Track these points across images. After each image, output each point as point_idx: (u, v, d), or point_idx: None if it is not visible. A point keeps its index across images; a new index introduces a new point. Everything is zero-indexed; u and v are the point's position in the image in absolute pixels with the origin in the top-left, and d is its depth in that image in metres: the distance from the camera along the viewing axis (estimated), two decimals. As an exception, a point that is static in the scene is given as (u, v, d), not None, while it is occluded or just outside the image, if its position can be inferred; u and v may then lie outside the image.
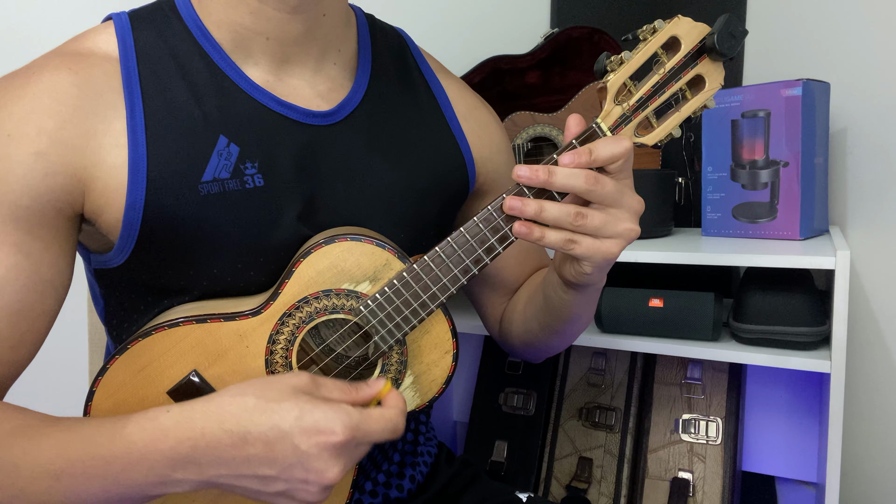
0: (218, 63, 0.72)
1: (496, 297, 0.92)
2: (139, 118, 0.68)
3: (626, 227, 0.66)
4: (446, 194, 0.82)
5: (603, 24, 1.44)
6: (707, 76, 0.67)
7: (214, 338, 0.68)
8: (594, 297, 0.78)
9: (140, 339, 0.67)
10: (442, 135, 0.83)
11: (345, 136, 0.76)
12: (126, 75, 0.69)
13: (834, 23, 1.28)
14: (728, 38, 0.64)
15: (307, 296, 0.68)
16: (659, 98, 0.67)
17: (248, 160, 0.71)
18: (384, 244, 0.68)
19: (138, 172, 0.67)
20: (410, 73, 0.84)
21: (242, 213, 0.70)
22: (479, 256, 0.67)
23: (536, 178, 0.64)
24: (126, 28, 0.72)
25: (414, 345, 0.71)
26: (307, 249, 0.68)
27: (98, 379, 0.67)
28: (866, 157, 1.25)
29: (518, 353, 0.93)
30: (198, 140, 0.69)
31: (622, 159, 0.64)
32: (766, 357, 1.00)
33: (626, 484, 1.18)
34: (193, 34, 0.72)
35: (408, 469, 0.87)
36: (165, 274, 0.71)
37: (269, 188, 0.71)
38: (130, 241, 0.69)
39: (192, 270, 0.70)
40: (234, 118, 0.71)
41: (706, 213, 1.23)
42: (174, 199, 0.68)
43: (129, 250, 0.70)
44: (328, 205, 0.74)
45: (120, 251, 0.70)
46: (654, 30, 0.65)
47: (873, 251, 1.25)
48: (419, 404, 0.72)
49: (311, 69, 0.75)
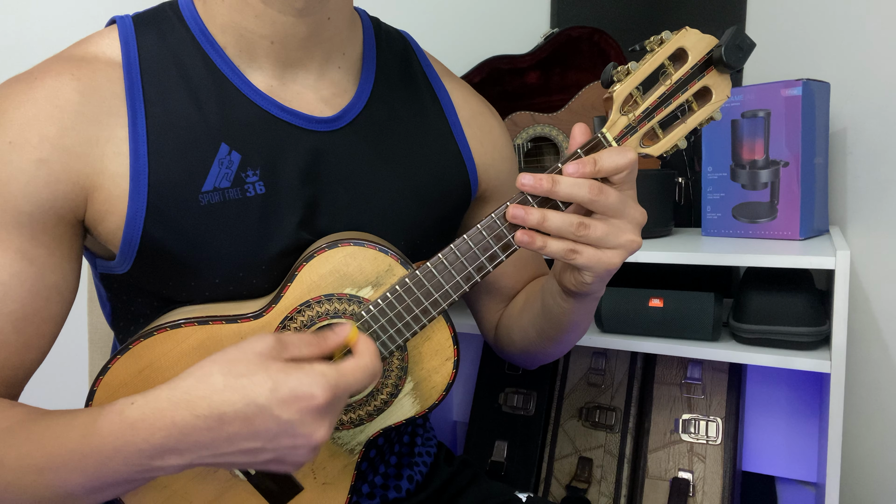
0: (221, 68, 0.71)
1: (493, 304, 0.92)
2: (141, 127, 0.68)
3: (629, 238, 0.66)
4: (448, 201, 0.81)
5: (603, 24, 1.44)
6: (714, 88, 0.66)
7: (216, 340, 0.68)
8: (593, 305, 0.77)
9: (142, 340, 0.67)
10: (445, 141, 0.82)
11: (348, 142, 0.75)
12: (129, 83, 0.69)
13: (834, 23, 1.27)
14: (735, 50, 0.63)
15: (309, 300, 0.68)
16: (665, 109, 0.66)
17: (250, 168, 0.70)
18: (387, 250, 0.68)
19: (140, 183, 0.67)
20: (415, 77, 0.83)
21: (243, 221, 0.70)
22: (482, 264, 0.67)
23: (540, 187, 0.63)
24: (130, 33, 0.71)
25: (415, 351, 0.71)
26: (310, 254, 0.68)
27: (99, 378, 0.67)
28: (866, 157, 1.25)
29: (513, 359, 0.92)
30: (199, 149, 0.69)
31: (627, 170, 0.64)
32: (766, 357, 1.00)
33: (626, 484, 1.18)
34: (197, 39, 0.72)
35: (405, 470, 0.87)
36: (167, 284, 0.71)
37: (270, 195, 0.71)
38: (132, 252, 0.69)
39: (194, 281, 0.70)
40: (235, 125, 0.70)
41: (706, 213, 1.23)
42: (175, 210, 0.68)
43: (131, 260, 0.69)
44: (329, 211, 0.73)
45: (123, 260, 0.70)
46: (661, 41, 0.64)
47: (873, 251, 1.25)
48: (419, 411, 0.72)
49: (315, 73, 0.75)
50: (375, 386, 0.70)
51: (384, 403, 0.71)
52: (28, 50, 1.33)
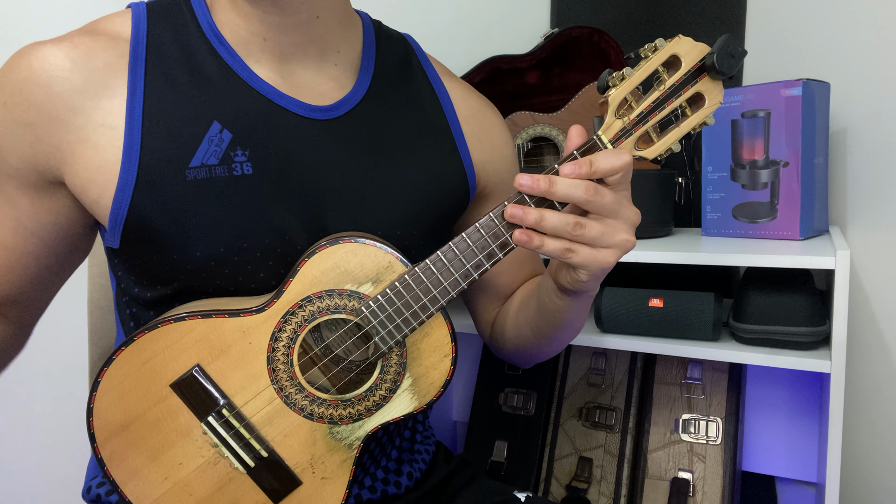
0: (226, 59, 0.74)
1: (489, 302, 0.93)
2: (139, 102, 0.70)
3: (623, 237, 0.67)
4: (443, 196, 0.82)
5: (603, 24, 1.44)
6: (707, 94, 0.68)
7: (219, 333, 0.69)
8: (587, 303, 0.79)
9: (146, 332, 0.68)
10: (442, 138, 0.83)
11: (342, 133, 0.77)
12: (133, 59, 0.71)
13: (834, 23, 1.28)
14: (727, 57, 0.65)
15: (310, 295, 0.69)
16: (659, 114, 0.69)
17: (240, 147, 0.72)
18: (387, 247, 0.69)
19: (132, 157, 0.69)
20: (414, 77, 0.85)
21: (228, 200, 0.71)
22: (480, 262, 0.68)
23: (538, 188, 0.65)
24: (142, 17, 0.74)
25: (413, 347, 0.71)
26: (312, 250, 0.69)
27: (104, 369, 0.69)
28: (866, 157, 1.25)
29: (508, 358, 0.93)
30: (191, 125, 0.71)
31: (622, 172, 0.66)
32: (766, 357, 1.00)
33: (626, 484, 1.18)
34: (205, 32, 0.74)
35: (405, 466, 0.88)
36: (152, 258, 0.72)
37: (257, 177, 0.72)
38: (119, 223, 0.71)
39: (177, 255, 0.71)
40: (232, 106, 0.72)
41: (706, 213, 1.23)
42: (163, 184, 0.70)
43: (119, 231, 0.71)
44: (320, 199, 0.74)
45: (112, 232, 0.72)
46: (655, 48, 0.67)
47: (873, 251, 1.25)
48: (417, 407, 0.72)
49: (312, 69, 0.77)
50: (374, 381, 0.71)
51: (383, 399, 0.71)
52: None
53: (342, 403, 0.71)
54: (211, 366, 0.69)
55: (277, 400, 0.70)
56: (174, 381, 0.69)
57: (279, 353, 0.69)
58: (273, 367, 0.69)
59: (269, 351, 0.69)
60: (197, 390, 0.69)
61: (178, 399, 0.69)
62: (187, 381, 0.69)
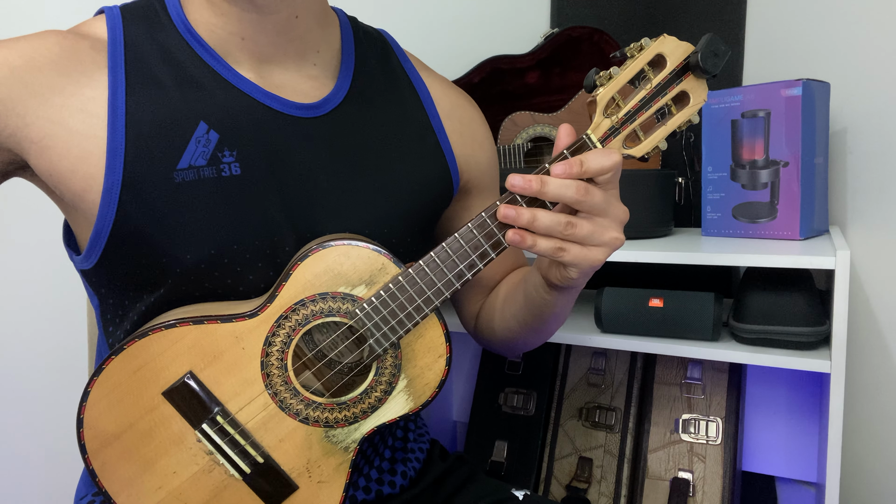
0: (205, 58, 0.73)
1: (474, 295, 0.94)
2: (121, 102, 0.69)
3: (612, 235, 0.68)
4: (429, 194, 0.83)
5: (603, 24, 1.44)
6: (691, 92, 0.69)
7: (211, 339, 0.68)
8: (574, 296, 0.80)
9: (137, 340, 0.67)
10: (424, 133, 0.84)
11: (328, 131, 0.77)
12: (112, 61, 0.71)
13: (834, 23, 1.27)
14: (711, 56, 0.66)
15: (304, 298, 0.68)
16: (646, 112, 0.69)
17: (227, 148, 0.71)
18: (380, 249, 0.69)
19: (116, 158, 0.68)
20: (394, 73, 0.85)
21: (217, 201, 0.71)
22: (473, 262, 0.68)
23: (529, 188, 0.65)
24: (117, 19, 0.74)
25: (408, 349, 0.71)
26: (304, 253, 0.69)
27: (94, 379, 0.67)
28: (866, 157, 1.25)
29: (494, 349, 0.94)
30: (177, 127, 0.70)
31: (611, 172, 0.66)
32: (766, 357, 1.00)
33: (626, 484, 1.18)
34: (181, 32, 0.74)
35: (399, 465, 0.88)
36: (140, 264, 0.71)
37: (246, 177, 0.72)
38: (107, 228, 0.69)
39: (165, 258, 0.71)
40: (217, 106, 0.72)
41: (706, 213, 1.23)
42: (150, 186, 0.69)
43: (105, 237, 0.70)
44: (308, 198, 0.74)
45: (97, 239, 0.70)
46: (640, 47, 0.67)
47: (873, 251, 1.25)
48: (412, 408, 0.72)
49: (291, 70, 0.77)
50: (369, 384, 0.71)
51: (378, 401, 0.71)
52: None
53: (338, 407, 0.71)
54: (203, 372, 0.68)
55: (272, 405, 0.70)
56: (166, 389, 0.68)
57: (273, 357, 0.69)
58: (267, 371, 0.69)
59: (263, 356, 0.69)
60: (189, 398, 0.68)
61: (171, 407, 0.68)
62: (179, 389, 0.68)
